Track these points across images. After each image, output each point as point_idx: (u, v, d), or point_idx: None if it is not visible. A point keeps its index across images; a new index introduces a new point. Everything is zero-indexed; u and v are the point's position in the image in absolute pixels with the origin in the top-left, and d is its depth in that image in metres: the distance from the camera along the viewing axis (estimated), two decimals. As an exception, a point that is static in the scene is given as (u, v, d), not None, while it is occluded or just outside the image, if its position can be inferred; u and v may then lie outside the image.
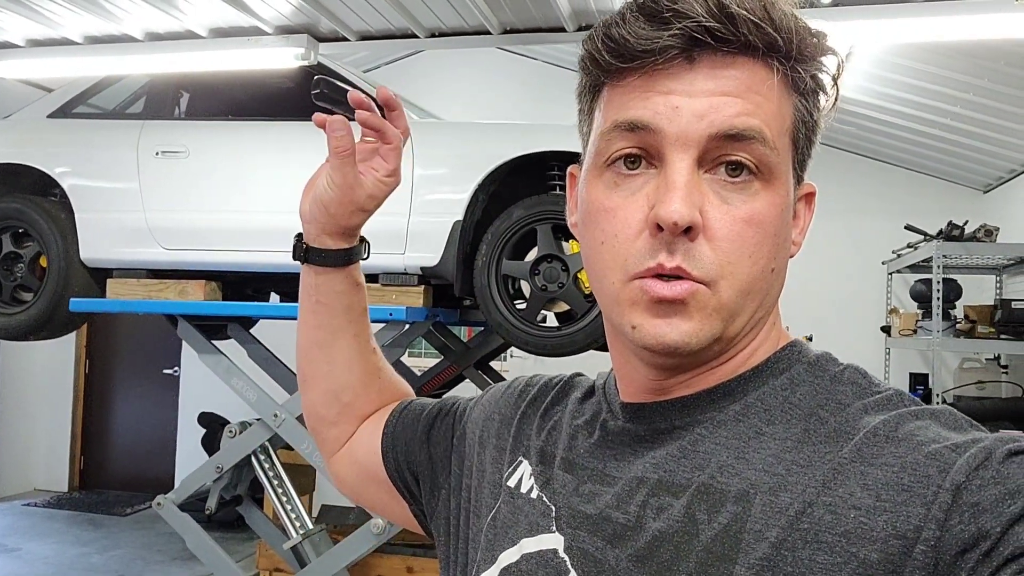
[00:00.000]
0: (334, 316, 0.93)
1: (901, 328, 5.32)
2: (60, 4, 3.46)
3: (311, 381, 0.97)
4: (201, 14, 3.54)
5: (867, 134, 5.66)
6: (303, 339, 0.96)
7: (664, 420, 0.66)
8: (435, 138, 3.38)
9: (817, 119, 0.65)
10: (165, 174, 3.55)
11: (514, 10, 3.32)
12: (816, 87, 0.63)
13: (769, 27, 0.58)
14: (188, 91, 3.97)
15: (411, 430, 0.90)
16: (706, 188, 0.59)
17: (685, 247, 0.58)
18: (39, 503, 6.87)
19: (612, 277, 0.62)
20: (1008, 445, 0.52)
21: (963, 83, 4.32)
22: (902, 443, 0.55)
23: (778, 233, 0.62)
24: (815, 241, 5.57)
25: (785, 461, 0.58)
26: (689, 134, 0.58)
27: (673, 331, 0.60)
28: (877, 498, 0.53)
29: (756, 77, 0.60)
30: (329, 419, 0.97)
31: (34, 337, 3.72)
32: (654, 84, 0.60)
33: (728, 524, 0.57)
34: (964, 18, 2.86)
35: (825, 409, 0.61)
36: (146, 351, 7.33)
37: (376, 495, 0.94)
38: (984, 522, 0.49)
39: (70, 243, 3.57)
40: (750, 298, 0.61)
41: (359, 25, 3.62)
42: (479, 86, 6.52)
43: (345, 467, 0.98)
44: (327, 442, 0.99)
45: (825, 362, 0.65)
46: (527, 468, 0.74)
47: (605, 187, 0.63)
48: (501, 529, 0.71)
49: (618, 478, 0.65)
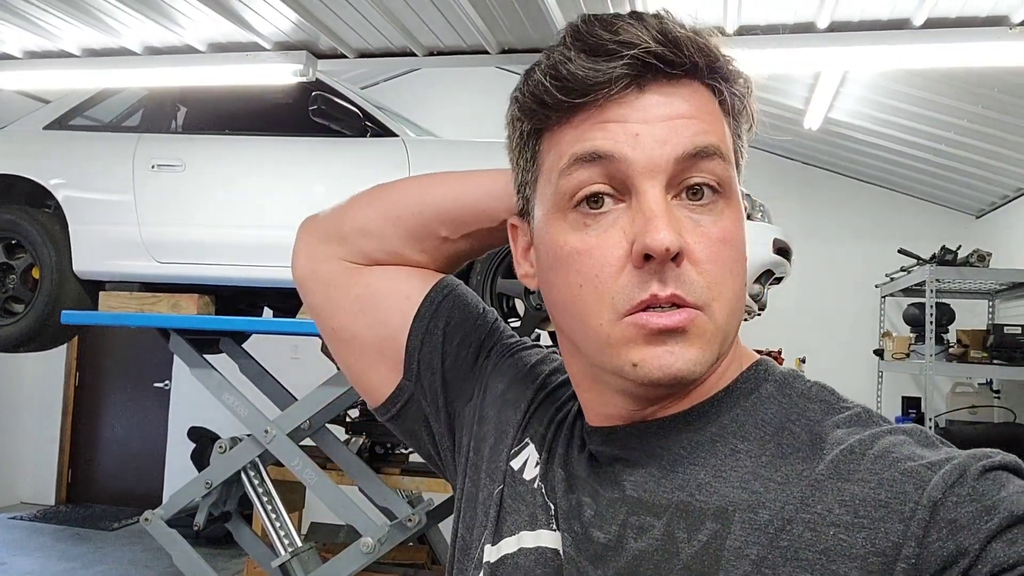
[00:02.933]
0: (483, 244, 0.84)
1: (894, 352, 5.32)
2: (58, 16, 3.47)
3: (416, 204, 0.82)
4: (200, 29, 3.55)
5: (861, 158, 5.69)
6: (424, 201, 0.82)
7: (641, 442, 0.65)
8: (431, 155, 3.39)
9: (743, 138, 0.66)
10: (160, 187, 3.54)
11: (512, 30, 3.34)
12: (740, 109, 0.65)
13: (708, 49, 0.60)
14: (185, 105, 3.98)
15: (462, 318, 0.83)
16: (677, 213, 0.60)
17: (675, 274, 0.58)
18: (25, 516, 6.80)
19: (599, 319, 0.60)
20: (982, 462, 0.53)
21: (957, 109, 4.36)
22: (878, 460, 0.55)
23: (744, 248, 0.63)
24: (809, 264, 5.59)
25: (762, 478, 0.59)
26: (656, 160, 0.59)
27: (678, 360, 0.59)
28: (855, 515, 0.53)
29: (703, 98, 0.61)
30: (375, 242, 0.83)
31: (24, 349, 3.69)
32: (607, 114, 0.60)
33: (708, 542, 0.57)
34: (958, 45, 2.89)
35: (797, 425, 0.61)
36: (137, 364, 7.29)
37: (363, 339, 0.83)
38: (962, 539, 0.49)
39: (63, 255, 3.56)
40: (734, 317, 0.62)
41: (358, 43, 3.63)
42: (477, 104, 6.53)
43: (346, 287, 0.84)
44: (349, 247, 0.84)
45: (792, 379, 0.66)
46: (533, 454, 0.74)
47: (573, 229, 0.61)
48: (502, 515, 0.71)
49: (601, 495, 0.66)
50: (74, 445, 7.42)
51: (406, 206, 0.82)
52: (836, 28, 3.02)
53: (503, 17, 3.23)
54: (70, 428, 7.41)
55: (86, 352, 7.43)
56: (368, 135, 3.42)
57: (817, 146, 5.73)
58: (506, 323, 2.94)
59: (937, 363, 4.69)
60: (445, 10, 3.21)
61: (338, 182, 3.44)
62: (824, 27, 3.01)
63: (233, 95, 4.04)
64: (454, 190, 0.82)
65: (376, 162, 3.38)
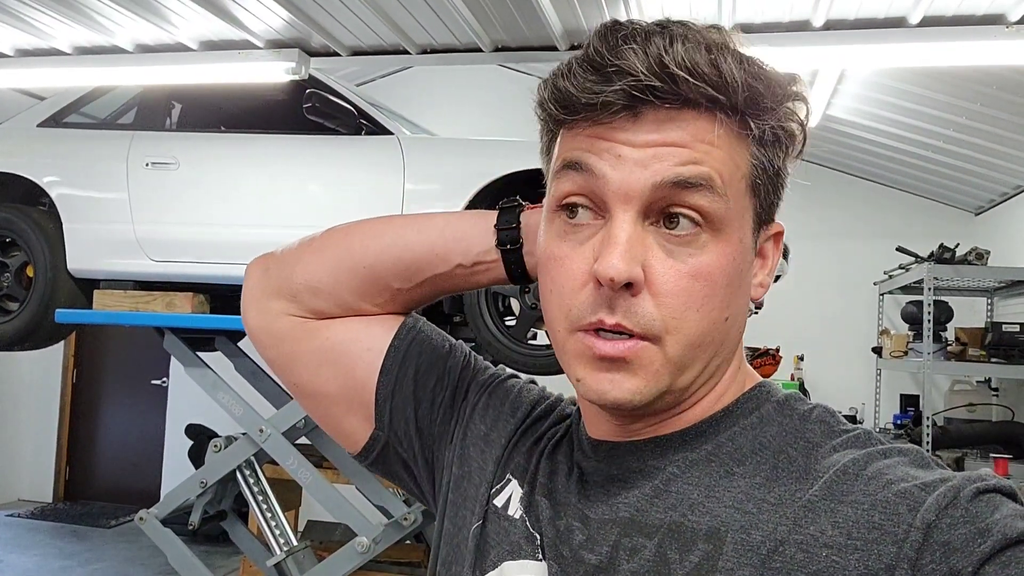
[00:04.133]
0: (456, 286, 0.81)
1: (892, 350, 5.32)
2: (49, 15, 3.45)
3: (347, 277, 0.79)
4: (192, 27, 3.54)
5: (859, 155, 5.68)
6: (378, 249, 0.79)
7: (637, 460, 0.65)
8: (427, 154, 3.38)
9: (780, 167, 0.64)
10: (155, 185, 3.53)
11: (505, 28, 3.32)
12: (775, 136, 0.62)
13: (710, 84, 0.57)
14: (180, 103, 3.96)
15: (429, 364, 0.81)
16: (651, 241, 0.59)
17: (627, 303, 0.58)
18: (23, 514, 6.80)
19: (558, 326, 0.62)
20: (976, 484, 0.53)
21: (956, 106, 4.34)
22: (871, 481, 0.55)
23: (731, 283, 0.61)
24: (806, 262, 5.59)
25: (755, 499, 0.59)
26: (631, 185, 0.58)
27: (615, 389, 0.59)
28: (848, 536, 0.53)
29: (703, 126, 0.59)
30: (323, 301, 0.80)
31: (19, 347, 3.69)
32: (600, 133, 0.60)
33: (699, 563, 0.57)
34: (955, 44, 2.87)
35: (794, 448, 0.61)
36: (134, 362, 7.29)
37: (328, 391, 0.81)
38: (956, 562, 0.49)
39: (57, 253, 3.55)
40: (701, 350, 0.61)
41: (350, 41, 3.62)
42: (474, 101, 6.53)
43: (307, 342, 0.81)
44: (300, 305, 0.81)
45: (794, 401, 0.66)
46: (516, 489, 0.73)
47: (556, 235, 0.63)
48: (483, 548, 0.70)
49: (591, 519, 0.65)
50: (72, 442, 7.43)
51: (358, 259, 0.80)
52: (832, 26, 3.00)
53: (496, 15, 3.21)
54: (68, 425, 7.41)
55: (84, 350, 7.44)
56: (363, 133, 3.41)
57: (815, 143, 5.71)
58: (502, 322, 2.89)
59: (935, 361, 4.68)
60: (438, 8, 3.20)
61: (333, 180, 3.44)
62: (819, 25, 3.00)
63: (228, 93, 4.03)
64: (405, 237, 0.79)
65: (371, 160, 3.37)
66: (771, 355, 5.42)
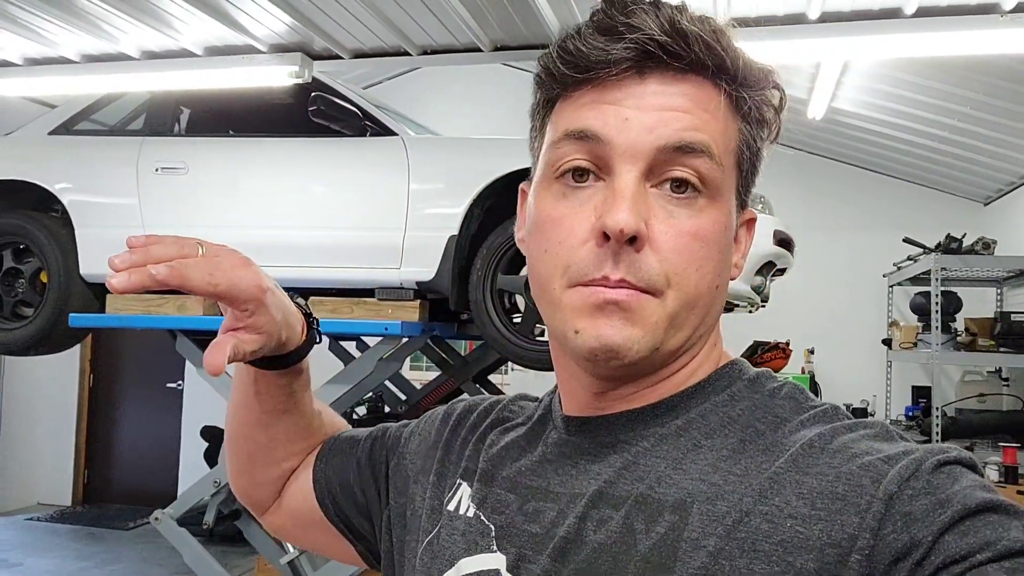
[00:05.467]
0: (279, 400, 0.86)
1: (902, 341, 5.31)
2: (56, 24, 3.50)
3: (248, 461, 0.92)
4: (196, 33, 3.58)
5: (866, 147, 5.67)
6: (237, 428, 0.91)
7: (609, 434, 0.66)
8: (430, 153, 3.40)
9: (760, 147, 0.66)
10: (164, 190, 3.57)
11: (503, 28, 3.34)
12: (760, 116, 0.65)
13: (718, 48, 0.60)
14: (188, 108, 4.01)
15: (343, 468, 0.89)
16: (652, 202, 0.61)
17: (630, 258, 0.59)
18: (42, 517, 6.89)
19: (554, 283, 0.62)
20: (937, 456, 0.54)
21: (960, 96, 4.33)
22: (836, 454, 0.56)
23: (723, 250, 0.63)
24: (815, 254, 5.58)
25: (721, 471, 0.59)
26: (637, 146, 0.60)
27: (616, 333, 0.60)
28: (812, 507, 0.54)
29: (704, 95, 0.61)
30: (265, 484, 0.93)
31: (34, 352, 3.74)
32: (605, 96, 0.61)
33: (665, 533, 0.58)
34: (950, 34, 2.87)
35: (762, 422, 0.62)
36: (150, 365, 7.36)
37: (320, 538, 0.93)
38: (916, 531, 0.50)
39: (70, 259, 3.59)
40: (694, 312, 0.63)
41: (352, 43, 3.65)
42: (480, 101, 6.56)
43: (282, 519, 0.96)
44: (261, 503, 0.95)
45: (764, 379, 0.67)
46: (466, 490, 0.74)
47: (554, 198, 0.63)
48: (438, 551, 0.71)
49: (561, 494, 0.66)
50: (89, 446, 7.51)
51: (238, 445, 0.92)
52: (828, 19, 3.01)
53: (494, 15, 3.24)
54: (85, 429, 7.49)
55: (99, 354, 7.51)
56: (367, 134, 3.44)
57: (821, 136, 5.70)
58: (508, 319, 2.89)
59: (945, 352, 4.67)
60: (436, 9, 3.22)
61: (338, 181, 3.47)
62: (815, 18, 3.01)
63: (234, 97, 4.06)
64: (235, 399, 0.90)
65: (376, 161, 3.40)
66: (781, 349, 5.41)
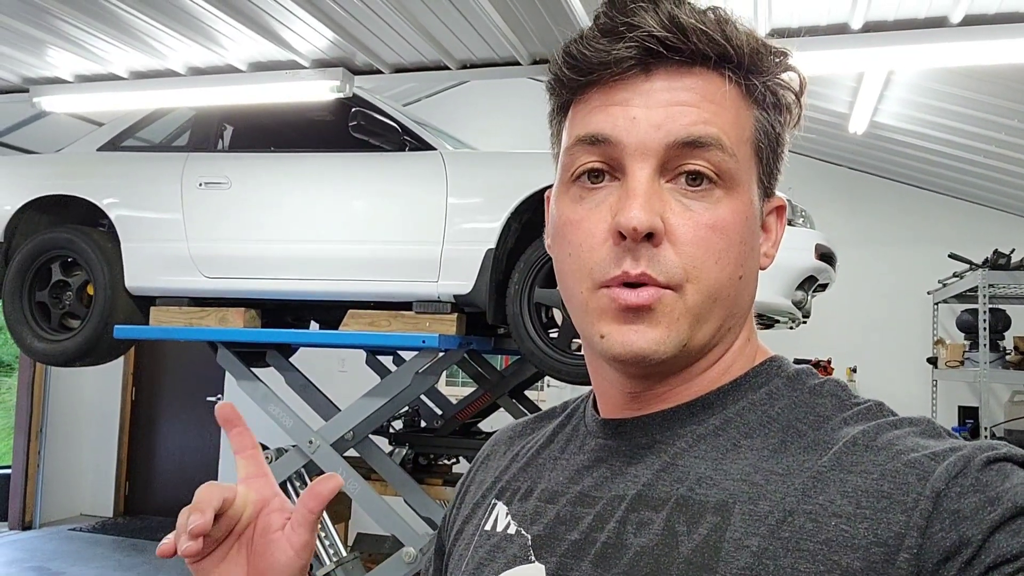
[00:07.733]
0: None
1: (948, 359, 5.19)
2: (108, 41, 3.60)
3: None
4: (241, 49, 3.65)
5: (909, 162, 5.58)
6: None
7: (645, 435, 0.66)
8: (468, 167, 3.42)
9: (780, 132, 0.65)
10: (208, 204, 3.63)
11: (542, 41, 3.36)
12: (777, 101, 0.64)
13: (720, 38, 0.60)
14: (231, 125, 4.09)
15: None
16: (668, 196, 0.61)
17: (649, 253, 0.59)
18: (84, 528, 7.00)
19: (580, 287, 0.63)
20: (986, 453, 0.53)
21: (1006, 108, 4.25)
22: (881, 451, 0.55)
23: (744, 241, 0.63)
24: (858, 271, 5.48)
25: (763, 470, 0.58)
26: (647, 144, 0.60)
27: (640, 338, 0.60)
28: (857, 505, 0.53)
29: (711, 86, 0.61)
30: None
31: (80, 363, 3.82)
32: (612, 96, 0.61)
33: (708, 535, 0.57)
34: (999, 42, 2.82)
35: (803, 422, 0.61)
36: (190, 378, 7.47)
37: None
38: (965, 530, 0.49)
39: (116, 272, 3.67)
40: (718, 304, 0.62)
41: (392, 58, 3.69)
42: (516, 114, 6.56)
43: None
44: None
45: (804, 376, 0.66)
46: (502, 508, 0.73)
47: (571, 201, 0.64)
48: (476, 571, 0.70)
49: (599, 498, 0.65)
50: (131, 458, 7.63)
51: None
52: (871, 28, 2.97)
53: (532, 28, 3.25)
54: (127, 442, 7.62)
55: (141, 368, 7.64)
56: (407, 149, 3.48)
57: (863, 151, 5.63)
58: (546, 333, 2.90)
59: (992, 371, 4.56)
60: (476, 23, 3.25)
61: (378, 195, 3.50)
62: (858, 28, 2.97)
63: (276, 113, 4.13)
64: None
65: (415, 175, 3.43)
66: (822, 367, 5.32)
